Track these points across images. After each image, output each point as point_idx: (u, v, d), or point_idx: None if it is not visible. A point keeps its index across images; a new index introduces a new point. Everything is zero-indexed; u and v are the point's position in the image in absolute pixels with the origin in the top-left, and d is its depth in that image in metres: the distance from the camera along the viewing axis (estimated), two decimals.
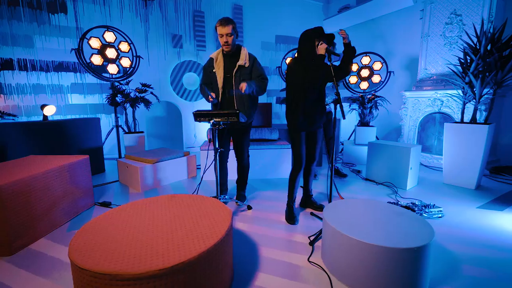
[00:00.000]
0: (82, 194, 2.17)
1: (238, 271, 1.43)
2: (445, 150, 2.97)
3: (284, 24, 5.69)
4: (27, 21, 3.52)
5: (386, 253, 1.18)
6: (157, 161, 2.86)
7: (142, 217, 1.35)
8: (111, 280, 0.91)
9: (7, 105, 3.53)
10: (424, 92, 3.95)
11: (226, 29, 1.94)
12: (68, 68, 3.83)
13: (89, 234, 1.16)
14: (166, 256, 1.00)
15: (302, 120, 1.97)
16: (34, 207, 1.71)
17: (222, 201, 2.17)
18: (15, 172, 1.73)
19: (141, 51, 4.26)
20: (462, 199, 2.47)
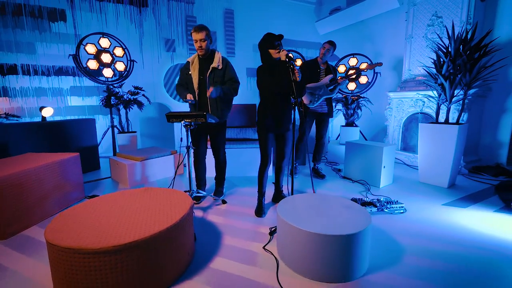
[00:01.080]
0: (72, 188, 2.40)
1: (198, 255, 1.61)
2: (420, 150, 3.09)
3: (276, 27, 5.83)
4: (29, 29, 3.79)
5: (320, 239, 1.34)
6: (145, 159, 3.08)
7: (113, 205, 1.55)
8: (74, 254, 1.11)
9: (12, 107, 3.81)
10: (407, 92, 4.05)
11: (200, 35, 2.12)
12: (67, 72, 4.09)
13: (63, 219, 1.36)
14: (124, 236, 1.19)
15: (270, 122, 2.13)
16: (27, 198, 1.93)
17: (197, 195, 2.37)
18: (11, 167, 1.96)
19: (136, 55, 4.49)
20: (431, 197, 2.59)
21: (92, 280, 1.13)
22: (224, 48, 5.34)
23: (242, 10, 5.36)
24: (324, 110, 3.15)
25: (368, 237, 1.43)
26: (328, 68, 3.09)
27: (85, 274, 1.12)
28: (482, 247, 1.69)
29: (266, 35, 2.04)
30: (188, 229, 1.49)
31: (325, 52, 2.99)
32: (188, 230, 1.49)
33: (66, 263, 1.13)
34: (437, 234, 1.87)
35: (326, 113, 3.17)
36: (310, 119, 3.18)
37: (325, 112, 3.16)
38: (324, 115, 3.17)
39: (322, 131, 3.21)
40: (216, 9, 5.15)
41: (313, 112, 3.13)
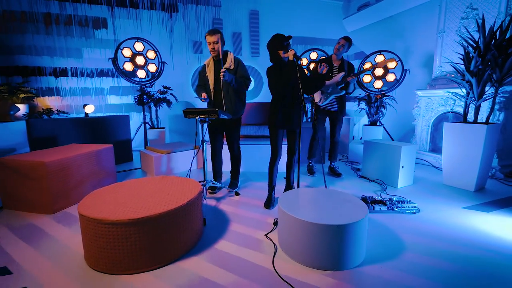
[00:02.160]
0: (106, 175, 2.74)
1: (206, 237, 1.78)
2: (445, 151, 2.93)
3: (301, 25, 5.85)
4: (77, 37, 4.34)
5: (313, 228, 1.42)
6: (170, 152, 3.36)
7: (134, 188, 1.78)
8: (98, 224, 1.34)
9: (62, 104, 4.40)
10: (437, 91, 3.83)
11: (213, 38, 2.30)
12: (107, 74, 4.60)
13: (93, 197, 1.62)
14: (137, 212, 1.39)
15: (280, 118, 2.23)
16: (69, 181, 2.28)
17: (213, 186, 2.56)
18: (58, 155, 2.32)
19: (166, 57, 4.87)
20: (451, 199, 2.47)
21: (111, 246, 1.35)
22: (249, 49, 5.51)
23: (267, 10, 5.48)
24: (334, 109, 3.12)
25: (362, 230, 1.46)
26: (342, 65, 3.05)
27: (106, 241, 1.34)
28: (496, 250, 1.61)
29: (274, 36, 2.13)
30: (196, 212, 1.66)
31: (339, 48, 2.96)
32: (196, 213, 1.66)
33: (92, 231, 1.36)
34: (446, 235, 1.81)
35: (336, 111, 3.13)
36: (322, 116, 3.19)
37: (335, 111, 3.13)
38: (335, 113, 3.14)
39: (334, 129, 3.20)
40: (241, 11, 5.34)
41: (324, 110, 3.14)
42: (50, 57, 4.26)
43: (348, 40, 2.95)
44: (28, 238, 1.76)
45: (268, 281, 1.35)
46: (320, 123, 3.19)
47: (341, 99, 3.12)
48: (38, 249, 1.64)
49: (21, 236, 1.80)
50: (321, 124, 3.22)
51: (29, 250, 1.62)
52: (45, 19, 4.15)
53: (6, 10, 3.96)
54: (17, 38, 4.09)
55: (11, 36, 4.05)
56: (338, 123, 3.17)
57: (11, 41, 4.07)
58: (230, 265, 1.48)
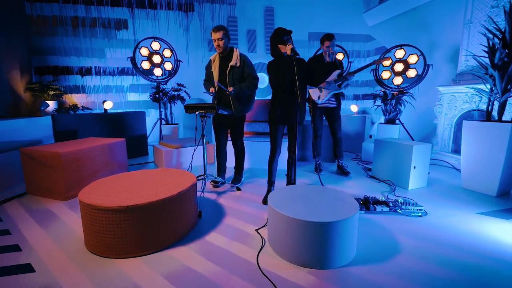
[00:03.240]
0: (118, 167, 2.92)
1: (199, 229, 1.83)
2: (464, 151, 2.71)
3: (318, 21, 5.72)
4: (101, 38, 4.64)
5: (297, 224, 1.40)
6: (180, 147, 3.48)
7: (134, 179, 1.88)
8: (92, 209, 1.44)
9: (87, 101, 4.74)
10: (461, 87, 3.55)
11: (218, 34, 2.34)
12: (127, 72, 4.87)
13: (95, 185, 1.74)
14: (128, 200, 1.47)
15: (279, 114, 2.21)
16: (82, 171, 2.46)
17: (216, 180, 2.62)
18: (74, 146, 2.51)
19: (182, 55, 5.03)
20: (467, 204, 2.29)
21: (105, 231, 1.45)
22: (264, 46, 5.50)
23: (282, 6, 5.42)
24: (333, 105, 3.08)
25: (349, 228, 1.42)
26: (334, 62, 2.98)
27: (100, 226, 1.44)
28: (506, 260, 1.47)
29: (276, 30, 2.12)
30: (187, 204, 1.72)
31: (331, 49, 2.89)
32: (188, 205, 1.72)
33: (88, 216, 1.47)
34: (451, 241, 1.68)
35: (335, 107, 3.09)
36: (320, 113, 3.13)
37: (334, 107, 3.08)
38: (334, 109, 3.09)
39: (335, 126, 3.11)
40: (256, 8, 5.34)
41: (321, 107, 3.09)
42: (77, 57, 4.61)
43: (331, 37, 2.85)
44: (41, 221, 1.94)
45: (248, 274, 1.36)
46: (318, 120, 3.14)
47: (337, 95, 3.09)
48: (48, 231, 1.80)
49: (36, 218, 1.98)
50: (320, 121, 3.17)
51: (40, 232, 1.78)
52: (73, 22, 4.49)
53: (40, 15, 4.35)
54: (49, 41, 4.48)
55: (44, 39, 4.45)
56: (338, 119, 3.10)
57: (44, 43, 4.46)
58: (216, 256, 1.51)
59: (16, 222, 1.92)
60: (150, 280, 1.30)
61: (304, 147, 3.91)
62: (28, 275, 1.33)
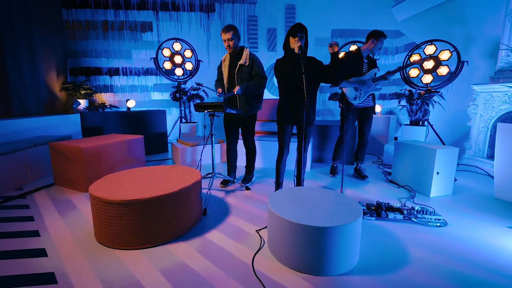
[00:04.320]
0: (136, 162, 3.07)
1: (201, 226, 1.86)
2: (498, 157, 2.44)
3: (342, 18, 5.50)
4: (128, 40, 4.92)
5: (293, 227, 1.36)
6: (195, 145, 3.57)
7: (143, 174, 1.96)
8: (99, 202, 1.53)
9: (115, 99, 5.06)
10: (499, 85, 3.19)
11: (227, 35, 2.35)
12: (151, 72, 5.10)
13: (107, 179, 1.84)
14: (133, 194, 1.54)
15: (286, 114, 2.17)
16: (102, 165, 2.63)
17: (225, 179, 2.64)
18: (95, 142, 2.69)
19: (203, 55, 5.14)
20: (498, 216, 2.05)
21: (110, 223, 1.53)
22: None
23: (304, 4, 5.30)
24: (370, 104, 2.88)
25: (350, 235, 1.34)
26: (372, 61, 2.79)
27: (106, 217, 1.53)
28: None
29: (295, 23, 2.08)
30: (190, 201, 1.75)
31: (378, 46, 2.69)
32: (190, 201, 1.75)
33: (97, 208, 1.56)
34: (470, 255, 1.52)
35: (372, 107, 2.90)
36: (353, 116, 2.92)
37: (371, 106, 2.89)
38: (369, 109, 2.90)
39: (366, 128, 2.93)
40: (277, 6, 5.29)
41: (356, 109, 2.89)
42: (106, 58, 4.93)
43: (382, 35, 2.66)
44: (62, 210, 2.11)
45: (241, 275, 1.35)
46: (351, 123, 2.92)
47: (373, 95, 2.90)
48: (66, 219, 1.95)
49: (58, 208, 2.16)
50: (352, 124, 2.97)
51: (59, 220, 1.94)
52: (103, 26, 4.82)
53: (75, 20, 4.73)
54: (82, 44, 4.85)
55: (78, 42, 4.83)
56: (371, 120, 2.93)
57: (78, 46, 4.85)
58: (213, 255, 1.52)
59: (40, 210, 2.11)
60: (146, 273, 1.35)
61: (322, 148, 3.79)
62: (41, 259, 1.45)
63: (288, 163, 2.49)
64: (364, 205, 2.11)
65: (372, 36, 2.69)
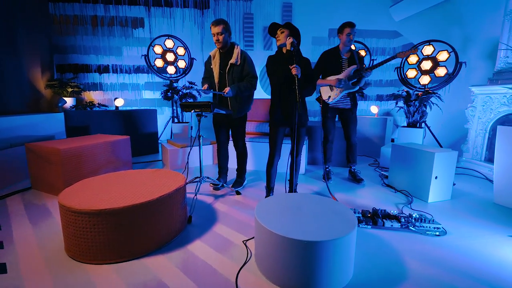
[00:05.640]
0: (121, 164, 2.92)
1: (184, 235, 1.72)
2: (497, 161, 2.34)
3: (339, 17, 5.34)
4: (118, 36, 4.75)
5: (279, 241, 1.23)
6: (186, 146, 3.42)
7: (122, 179, 1.82)
8: (67, 211, 1.38)
9: (105, 98, 4.88)
10: (498, 87, 3.10)
11: (217, 28, 2.21)
12: (143, 70, 4.93)
13: (80, 185, 1.70)
14: (105, 203, 1.40)
15: (278, 116, 2.04)
16: (82, 167, 2.47)
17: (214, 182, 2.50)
18: (77, 143, 2.54)
19: (196, 53, 4.99)
20: (498, 224, 1.95)
21: (80, 235, 1.38)
22: None
23: (301, 2, 5.18)
24: (347, 105, 2.76)
25: (343, 249, 1.21)
26: (353, 57, 2.66)
27: (74, 228, 1.38)
28: None
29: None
30: (171, 208, 1.61)
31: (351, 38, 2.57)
32: (171, 209, 1.61)
33: (65, 218, 1.41)
34: (472, 268, 1.40)
35: (350, 109, 2.77)
36: (332, 115, 2.82)
37: (348, 108, 2.76)
38: (347, 111, 2.77)
39: (349, 130, 2.81)
40: (274, 4, 5.15)
41: (334, 108, 2.78)
42: (95, 55, 4.76)
43: (353, 24, 2.54)
44: (34, 218, 1.95)
45: None
46: (329, 122, 2.82)
47: (353, 95, 2.77)
48: (36, 229, 1.79)
49: (30, 215, 2.00)
50: (331, 123, 2.85)
51: (28, 229, 1.78)
52: (92, 21, 4.64)
53: (62, 15, 4.54)
54: (70, 39, 4.67)
55: (66, 38, 4.64)
56: (352, 122, 2.79)
57: (66, 41, 4.66)
58: (193, 269, 1.38)
59: (10, 217, 1.95)
60: None
61: (314, 149, 3.67)
62: None
63: (281, 165, 2.36)
64: (359, 212, 2.00)
65: (338, 31, 2.64)
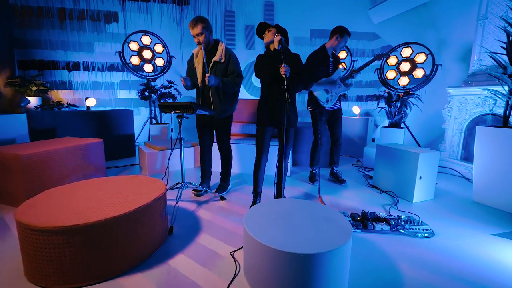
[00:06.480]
0: (94, 170, 2.67)
1: (165, 249, 1.57)
2: (476, 161, 2.41)
3: (321, 17, 5.42)
4: (90, 31, 4.41)
5: (273, 254, 1.13)
6: (165, 149, 3.23)
7: (93, 188, 1.62)
8: (25, 229, 1.18)
9: (74, 97, 4.51)
10: (474, 88, 3.23)
11: (196, 29, 2.06)
12: (117, 68, 4.63)
13: (42, 197, 1.49)
14: (72, 218, 1.22)
15: (266, 115, 1.95)
16: (48, 175, 2.21)
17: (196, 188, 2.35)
18: (41, 147, 2.27)
19: (176, 51, 4.77)
20: (480, 223, 2.00)
21: (41, 256, 1.19)
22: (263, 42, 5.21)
23: (283, 1, 5.13)
24: (337, 106, 2.79)
25: (339, 260, 1.14)
26: (336, 59, 2.69)
27: (35, 248, 1.19)
28: None
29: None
30: (149, 220, 1.46)
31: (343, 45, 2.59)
32: (150, 221, 1.46)
33: (23, 237, 1.22)
34: (463, 271, 1.40)
35: (340, 109, 2.81)
36: (325, 118, 2.80)
37: (339, 108, 2.80)
38: (338, 111, 2.81)
39: (338, 130, 2.82)
40: (255, 2, 5.06)
41: (328, 111, 2.78)
42: (63, 51, 4.38)
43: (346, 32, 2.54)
44: None
45: None
46: (323, 125, 2.79)
47: (340, 96, 2.80)
48: None
49: None
50: (325, 126, 2.83)
51: None
52: (59, 14, 4.26)
53: (24, 6, 4.13)
54: (34, 33, 4.26)
55: (29, 31, 4.23)
56: (341, 122, 2.83)
57: (29, 35, 4.24)
58: None
59: None
60: None
61: (296, 151, 3.63)
62: None
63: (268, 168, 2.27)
64: (348, 215, 1.95)
65: (337, 32, 2.57)
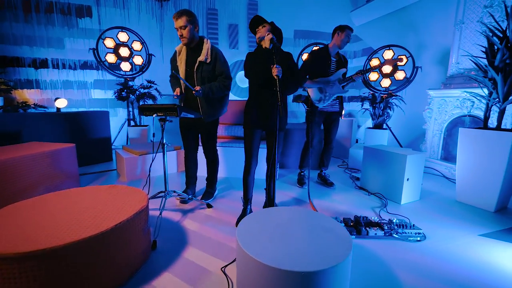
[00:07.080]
0: (65, 178, 2.43)
1: (148, 268, 1.42)
2: (459, 162, 2.47)
3: (304, 18, 5.42)
4: (59, 26, 4.06)
5: (271, 273, 1.03)
6: (145, 153, 3.03)
7: (66, 202, 1.44)
8: None
9: (42, 98, 4.14)
10: (453, 90, 3.35)
11: (179, 21, 1.92)
12: (91, 66, 4.31)
13: (4, 213, 1.28)
14: (39, 240, 1.04)
15: (254, 116, 1.85)
16: (9, 186, 1.96)
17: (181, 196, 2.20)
18: (2, 154, 2.01)
19: (156, 49, 4.54)
20: (466, 223, 2.04)
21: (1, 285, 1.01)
22: (247, 42, 5.13)
23: (267, 1, 5.06)
24: (336, 109, 2.72)
25: (341, 276, 1.07)
26: (340, 60, 2.63)
27: None
28: None
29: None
30: (130, 237, 1.31)
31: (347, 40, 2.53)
32: (130, 238, 1.31)
33: None
34: (457, 274, 1.39)
35: (338, 112, 2.74)
36: (319, 119, 2.74)
37: (337, 111, 2.73)
38: (336, 114, 2.74)
39: (333, 133, 2.78)
40: (239, 1, 4.95)
41: (322, 112, 2.71)
42: (29, 47, 4.00)
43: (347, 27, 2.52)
44: None
45: None
46: (317, 127, 2.73)
47: (341, 98, 2.74)
48: None
49: None
50: (318, 128, 2.76)
51: None
52: (24, 6, 3.88)
53: None
54: None
55: None
56: (337, 125, 2.77)
57: None
58: None
59: None
60: None
61: (283, 153, 3.58)
62: None
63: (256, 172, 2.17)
64: (341, 220, 1.91)
65: (337, 29, 2.55)
